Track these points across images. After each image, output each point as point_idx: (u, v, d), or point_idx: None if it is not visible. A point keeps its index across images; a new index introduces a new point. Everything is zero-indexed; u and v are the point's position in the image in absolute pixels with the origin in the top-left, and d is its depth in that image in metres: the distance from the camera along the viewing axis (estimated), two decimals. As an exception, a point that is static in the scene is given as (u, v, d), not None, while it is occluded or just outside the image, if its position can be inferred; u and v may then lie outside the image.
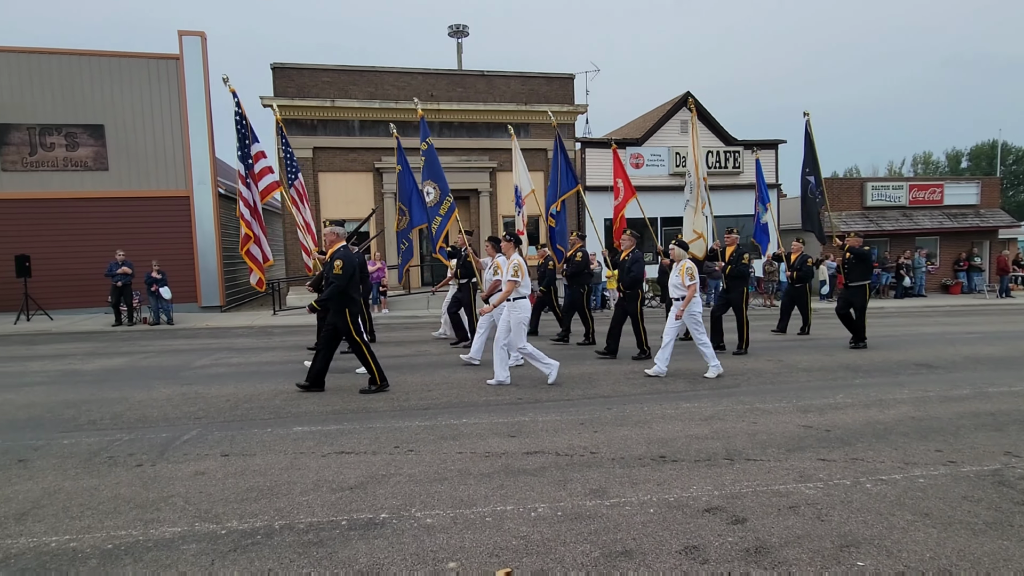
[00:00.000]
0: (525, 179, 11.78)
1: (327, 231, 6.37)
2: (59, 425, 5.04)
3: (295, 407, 5.57)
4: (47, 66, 14.86)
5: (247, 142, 8.28)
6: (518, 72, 17.72)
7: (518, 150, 12.00)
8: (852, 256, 8.74)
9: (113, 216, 14.84)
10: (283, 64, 16.17)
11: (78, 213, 14.73)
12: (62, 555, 2.85)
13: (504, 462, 4.08)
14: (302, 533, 3.07)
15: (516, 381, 6.62)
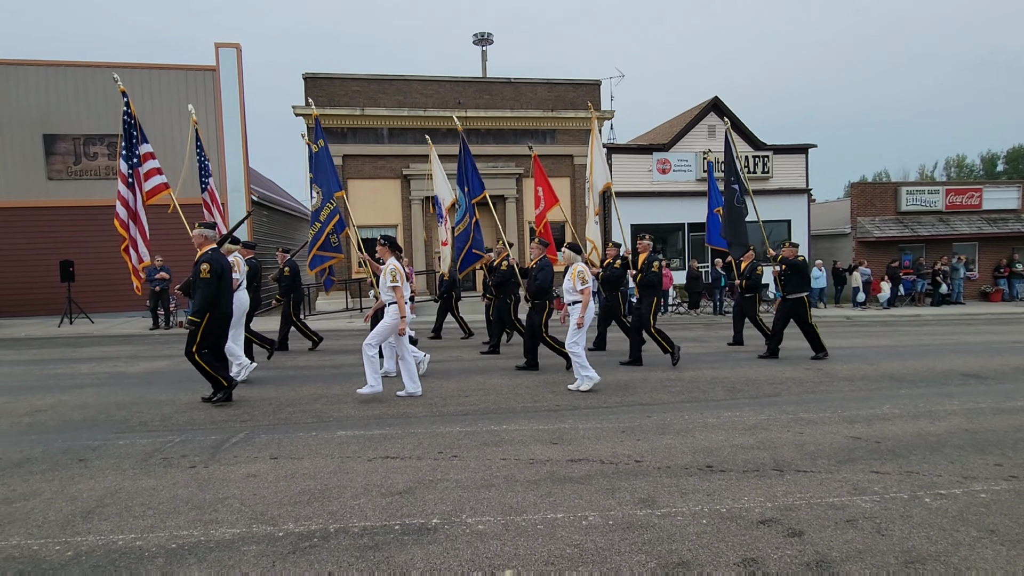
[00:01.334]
0: (445, 189, 11.25)
1: (195, 233, 6.08)
2: (112, 426, 5.19)
3: (336, 411, 5.65)
4: (91, 79, 15.39)
5: (134, 143, 8.23)
6: (544, 79, 17.80)
7: (436, 158, 11.55)
8: (787, 268, 8.38)
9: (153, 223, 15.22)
10: (314, 74, 16.49)
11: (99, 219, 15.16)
12: (130, 553, 2.93)
13: (549, 469, 4.08)
14: (357, 537, 3.11)
15: (553, 387, 6.62)
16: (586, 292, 6.51)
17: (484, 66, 21.42)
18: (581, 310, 6.50)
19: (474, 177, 10.13)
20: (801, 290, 8.36)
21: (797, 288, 8.35)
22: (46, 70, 15.37)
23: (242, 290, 7.31)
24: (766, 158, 19.10)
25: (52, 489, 3.75)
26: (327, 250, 8.63)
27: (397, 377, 6.66)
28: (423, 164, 16.70)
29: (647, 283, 7.95)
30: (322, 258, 8.68)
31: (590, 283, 6.56)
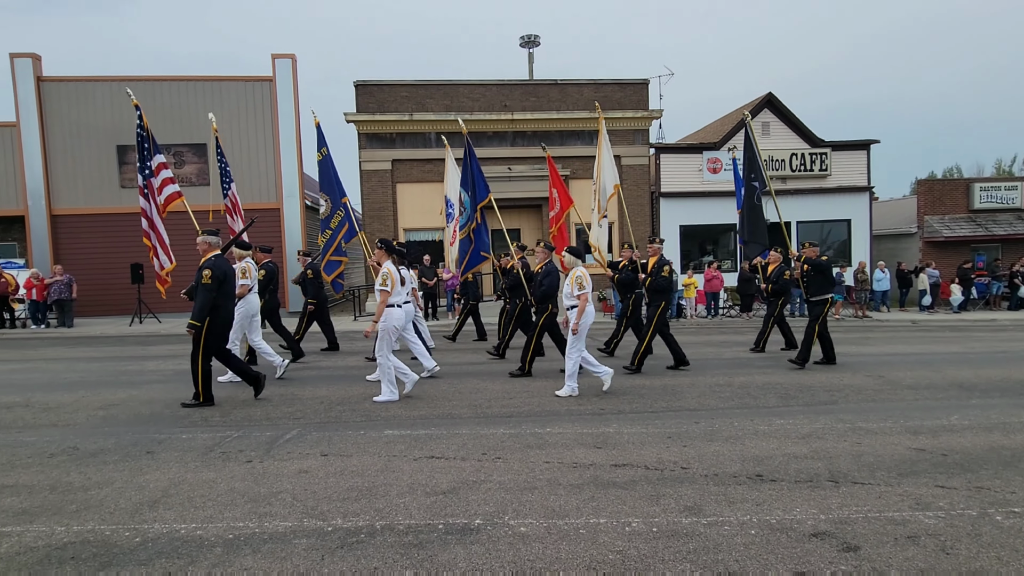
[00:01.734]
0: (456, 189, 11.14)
1: (199, 240, 6.23)
2: (176, 421, 5.49)
3: (384, 411, 5.79)
4: (160, 92, 16.33)
5: (147, 155, 8.58)
6: (590, 79, 17.68)
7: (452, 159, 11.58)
8: (810, 268, 8.02)
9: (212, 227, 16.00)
10: (365, 81, 16.93)
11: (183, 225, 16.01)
12: (191, 542, 3.09)
13: (592, 474, 4.05)
14: (402, 534, 3.17)
15: (597, 391, 6.57)
16: (583, 297, 6.31)
17: (531, 68, 21.47)
18: (577, 315, 6.31)
19: (480, 181, 10.13)
20: (825, 291, 8.03)
21: (821, 289, 7.99)
22: (119, 85, 16.40)
23: (252, 293, 7.57)
24: (824, 155, 18.34)
25: (123, 478, 4.01)
26: (339, 255, 9.03)
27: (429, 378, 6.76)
28: (470, 167, 16.91)
29: (656, 288, 7.79)
30: (335, 264, 9.11)
31: (587, 288, 6.39)
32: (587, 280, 6.41)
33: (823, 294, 7.96)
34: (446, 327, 13.35)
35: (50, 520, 3.36)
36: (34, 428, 5.31)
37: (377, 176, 16.96)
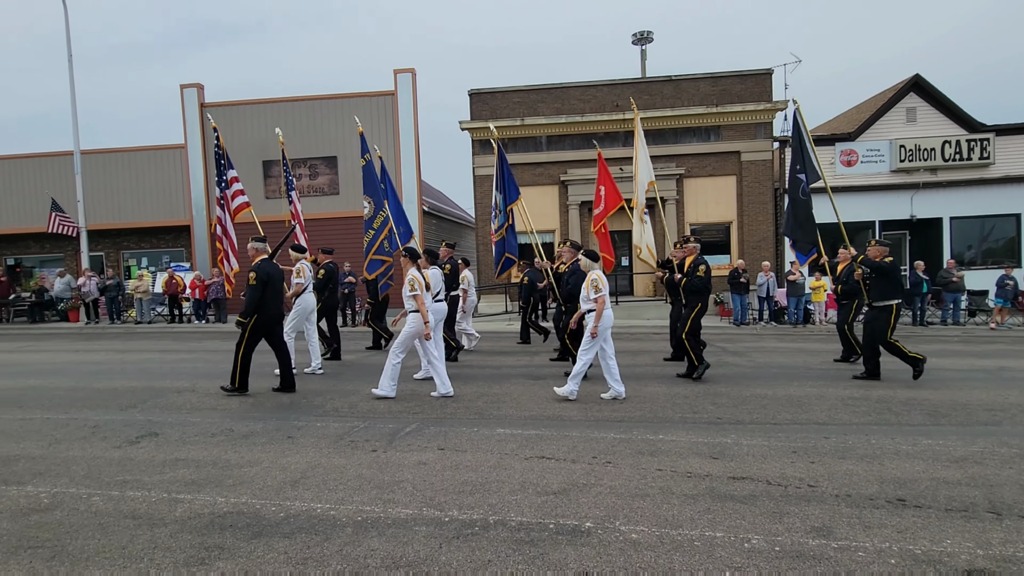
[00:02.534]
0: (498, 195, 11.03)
1: (249, 247, 6.86)
2: (311, 410, 6.05)
3: (496, 410, 5.96)
4: (296, 111, 18.05)
5: (223, 170, 9.21)
6: (707, 73, 16.94)
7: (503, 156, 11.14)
8: (870, 271, 7.21)
9: (343, 233, 17.37)
10: (478, 90, 17.53)
11: (317, 231, 17.56)
12: (325, 521, 3.41)
13: (708, 485, 3.89)
14: (514, 531, 3.26)
15: (714, 399, 6.29)
16: (600, 300, 6.15)
17: (643, 65, 21.00)
18: (595, 319, 6.15)
19: (510, 183, 10.19)
20: (889, 297, 7.08)
21: (883, 295, 7.10)
22: (263, 107, 18.36)
23: (308, 292, 8.12)
24: (985, 141, 16.10)
25: (269, 459, 4.50)
26: (381, 254, 9.29)
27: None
28: (581, 169, 16.88)
29: (692, 289, 7.37)
30: (378, 262, 9.35)
31: (604, 291, 6.19)
32: (603, 283, 6.23)
33: (887, 299, 7.08)
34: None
35: (213, 491, 3.86)
36: (199, 411, 6.12)
37: (489, 181, 17.44)
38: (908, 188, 16.42)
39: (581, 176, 16.82)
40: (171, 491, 3.88)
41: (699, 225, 16.99)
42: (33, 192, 19.00)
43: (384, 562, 2.94)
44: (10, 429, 5.50)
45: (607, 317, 6.25)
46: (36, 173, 19.24)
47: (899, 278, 7.21)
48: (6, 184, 19.41)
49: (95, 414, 6.01)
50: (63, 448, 4.87)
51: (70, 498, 3.79)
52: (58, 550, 3.11)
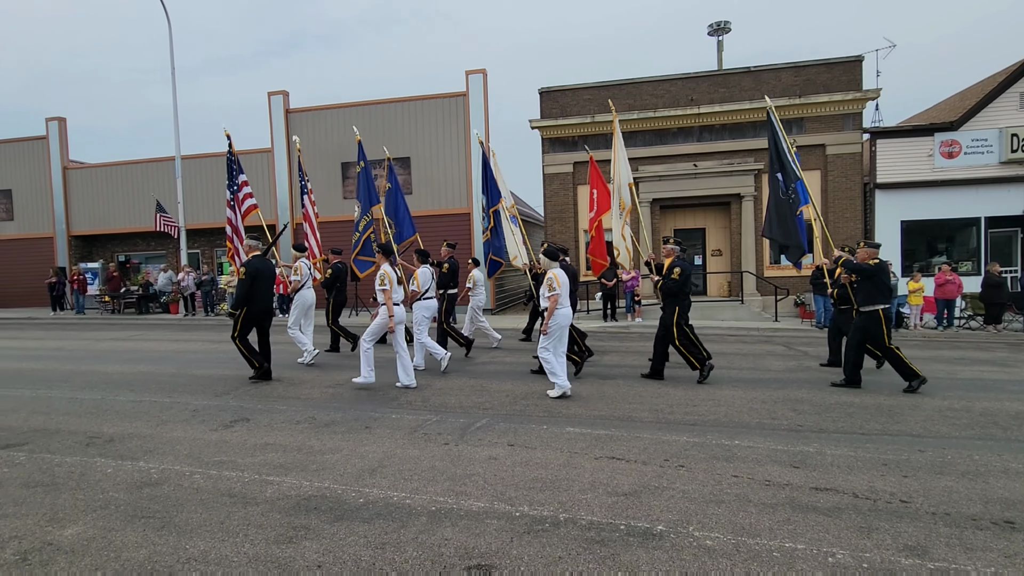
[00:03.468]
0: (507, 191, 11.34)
1: (244, 244, 7.35)
2: (387, 402, 6.29)
3: (565, 408, 5.97)
4: (373, 114, 18.72)
5: (235, 175, 9.88)
6: (789, 63, 16.09)
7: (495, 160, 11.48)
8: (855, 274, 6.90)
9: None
10: (548, 88, 17.51)
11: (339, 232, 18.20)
12: (401, 509, 3.54)
13: (788, 494, 3.73)
14: (584, 529, 3.27)
15: (794, 405, 6.00)
16: (553, 299, 6.35)
17: (720, 57, 20.24)
18: (547, 317, 6.39)
19: (492, 186, 10.36)
20: (874, 302, 6.74)
21: (868, 299, 6.78)
22: (342, 111, 19.18)
23: (307, 288, 8.93)
24: (1116, 127, 14.35)
25: (348, 447, 4.73)
26: (366, 254, 9.93)
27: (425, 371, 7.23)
28: (653, 166, 16.52)
29: (666, 291, 7.32)
30: (364, 263, 9.93)
31: (558, 290, 6.35)
32: (558, 282, 6.39)
33: (872, 304, 6.75)
34: (623, 330, 13.26)
35: (299, 475, 4.11)
36: (284, 399, 6.51)
37: (559, 179, 17.44)
38: (1020, 181, 14.92)
39: (653, 173, 16.46)
40: (261, 473, 4.16)
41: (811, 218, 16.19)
42: (141, 195, 20.81)
43: (458, 551, 3.03)
44: (124, 409, 6.08)
45: (562, 315, 6.45)
46: (143, 177, 21.06)
47: (885, 281, 6.82)
48: (119, 188, 21.37)
49: (195, 399, 6.52)
50: (168, 429, 5.33)
51: (175, 475, 4.15)
52: (167, 521, 3.41)
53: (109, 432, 5.24)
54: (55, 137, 21.62)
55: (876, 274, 6.74)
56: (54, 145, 21.66)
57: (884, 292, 6.76)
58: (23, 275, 22.05)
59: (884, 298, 6.76)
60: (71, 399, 6.60)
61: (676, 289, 7.23)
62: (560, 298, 6.41)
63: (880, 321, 6.74)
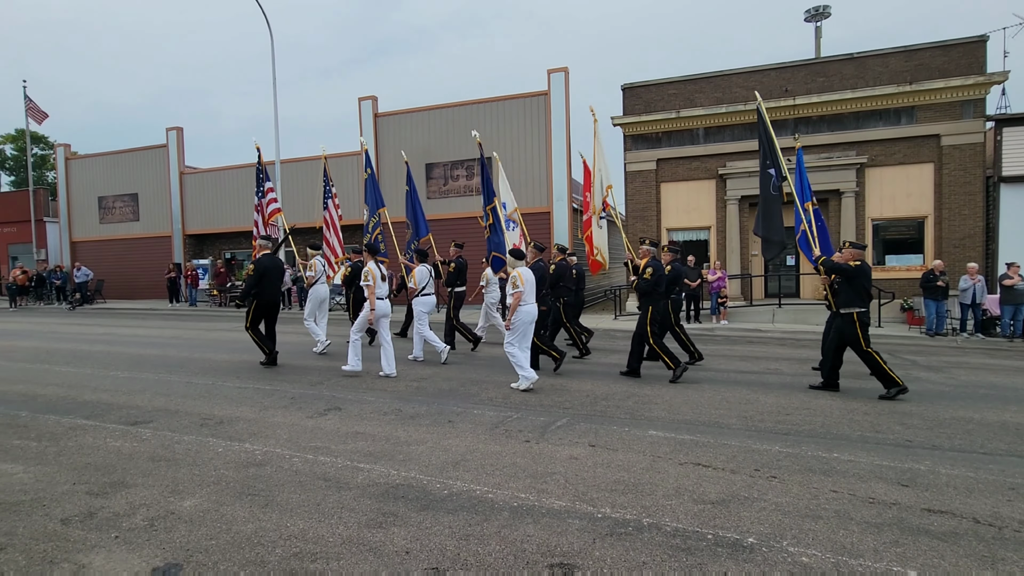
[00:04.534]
0: (508, 195, 11.61)
1: (256, 243, 8.46)
2: (469, 398, 6.42)
3: (647, 411, 5.83)
4: (456, 115, 19.16)
5: (261, 183, 10.85)
6: (898, 47, 14.81)
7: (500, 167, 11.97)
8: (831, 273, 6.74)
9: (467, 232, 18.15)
10: (632, 84, 17.16)
11: (469, 230, 18.55)
12: (484, 502, 3.61)
13: (896, 514, 3.44)
14: (669, 536, 3.18)
15: (902, 418, 5.53)
16: (516, 296, 6.76)
17: (817, 44, 18.98)
18: (509, 313, 6.83)
19: (488, 185, 10.71)
20: (851, 304, 6.57)
21: (847, 301, 6.61)
22: (427, 114, 19.77)
23: (320, 283, 9.86)
24: None
25: (433, 440, 4.87)
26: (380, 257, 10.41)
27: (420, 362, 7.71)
28: (742, 161, 15.79)
29: (639, 290, 7.50)
30: None
31: (520, 288, 6.76)
32: (521, 280, 6.77)
33: (849, 307, 6.57)
34: (706, 332, 12.76)
35: (387, 464, 4.29)
36: (372, 391, 6.81)
37: (641, 176, 17.06)
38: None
39: (742, 169, 15.72)
40: (353, 460, 4.38)
41: (884, 220, 14.95)
42: (245, 197, 22.50)
43: (539, 549, 3.04)
44: (231, 395, 6.61)
45: (525, 312, 6.87)
46: (248, 181, 22.74)
47: (865, 284, 6.59)
48: (224, 191, 23.23)
49: (292, 387, 6.97)
50: (270, 414, 5.73)
51: (276, 457, 4.45)
52: (269, 500, 3.67)
53: (219, 415, 5.71)
54: (173, 145, 23.83)
55: (856, 276, 6.59)
56: (172, 152, 23.89)
57: (863, 295, 6.60)
58: (147, 270, 24.49)
59: (862, 301, 6.59)
60: (187, 383, 7.25)
61: (648, 288, 7.37)
62: (524, 295, 6.84)
63: (855, 324, 6.54)
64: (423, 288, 8.92)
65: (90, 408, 6.03)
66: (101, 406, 6.12)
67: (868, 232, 15.02)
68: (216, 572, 2.84)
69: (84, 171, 25.98)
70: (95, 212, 25.72)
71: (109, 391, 6.84)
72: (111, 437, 5.01)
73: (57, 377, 7.74)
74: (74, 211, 26.16)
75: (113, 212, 25.46)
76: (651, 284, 7.33)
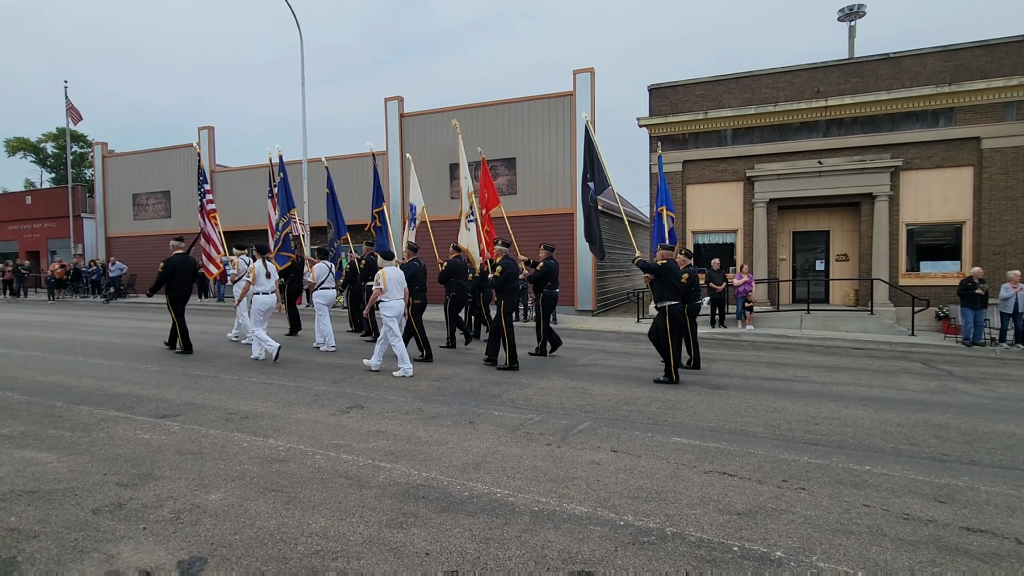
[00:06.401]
0: (418, 196, 13.13)
1: (170, 244, 9.51)
2: (490, 400, 6.40)
3: (671, 417, 5.74)
4: (480, 116, 19.18)
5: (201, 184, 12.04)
6: (937, 47, 14.36)
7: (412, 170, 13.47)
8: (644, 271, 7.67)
9: (519, 231, 18.09)
10: (659, 84, 16.97)
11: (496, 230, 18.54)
12: (504, 505, 3.58)
13: (932, 532, 3.31)
14: (694, 546, 3.11)
15: (939, 431, 5.35)
16: (376, 292, 7.65)
17: (851, 44, 18.53)
18: (368, 304, 8.14)
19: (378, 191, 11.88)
20: (661, 300, 7.48)
21: (659, 297, 7.53)
22: (451, 114, 19.83)
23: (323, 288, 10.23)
24: None
25: (453, 440, 4.86)
26: (287, 250, 11.59)
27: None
28: (771, 163, 15.49)
29: (492, 286, 8.78)
30: (283, 258, 11.43)
31: (382, 285, 7.59)
32: (383, 278, 7.62)
33: (661, 302, 7.50)
34: (732, 337, 12.55)
35: (408, 464, 4.29)
36: (395, 389, 6.83)
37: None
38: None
39: (771, 171, 15.42)
40: (374, 458, 4.39)
41: (919, 225, 14.49)
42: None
43: (561, 555, 3.00)
44: (256, 390, 6.70)
45: (388, 307, 7.65)
46: (276, 179, 23.13)
47: (672, 280, 7.45)
48: (253, 189, 23.64)
49: (315, 384, 7.04)
50: (293, 410, 5.79)
51: (299, 453, 4.49)
52: (292, 496, 3.70)
53: (244, 410, 5.79)
54: (205, 143, 24.32)
55: (664, 274, 7.43)
56: (204, 151, 24.37)
57: (671, 291, 7.43)
58: (177, 266, 25.03)
59: (671, 296, 7.43)
60: (213, 378, 7.38)
61: (499, 284, 8.48)
62: (386, 292, 7.65)
63: (666, 316, 7.37)
64: (322, 282, 10.19)
65: (121, 400, 6.17)
66: (132, 398, 6.25)
67: (902, 237, 14.60)
68: (239, 567, 2.86)
69: (119, 169, 26.71)
70: (129, 208, 26.42)
71: (139, 384, 7.00)
72: (141, 429, 5.11)
73: (91, 369, 7.95)
74: (110, 207, 26.91)
75: (146, 209, 26.11)
76: (501, 280, 8.43)
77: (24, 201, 29.88)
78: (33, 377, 7.40)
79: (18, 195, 31.28)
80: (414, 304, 9.07)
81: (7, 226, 30.00)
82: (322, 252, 10.72)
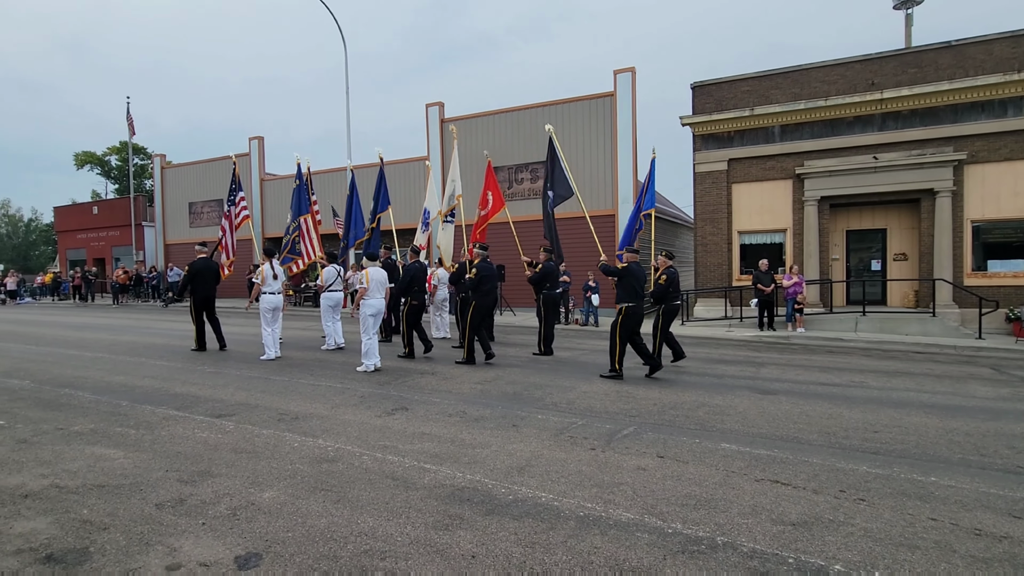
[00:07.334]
0: (433, 201, 13.45)
1: (195, 248, 10.19)
2: (533, 403, 6.38)
3: (719, 423, 5.59)
4: (521, 119, 19.23)
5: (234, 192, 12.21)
6: (1005, 33, 13.55)
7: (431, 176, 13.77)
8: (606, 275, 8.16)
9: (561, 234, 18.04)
10: (702, 82, 16.62)
11: (531, 231, 18.54)
12: (549, 510, 3.56)
13: (1007, 549, 3.11)
14: (746, 557, 3.01)
15: (1012, 442, 5.03)
16: (360, 291, 8.13)
17: (908, 33, 17.70)
18: (355, 304, 8.30)
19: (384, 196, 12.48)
20: (623, 300, 7.85)
21: (620, 298, 7.90)
22: (492, 117, 19.94)
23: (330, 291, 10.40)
24: None
25: (497, 443, 4.87)
26: (293, 253, 12.02)
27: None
28: (821, 160, 14.95)
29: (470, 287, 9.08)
30: (288, 258, 11.95)
31: (365, 285, 8.05)
32: (367, 279, 8.09)
33: (623, 302, 7.86)
34: (781, 340, 12.14)
35: (452, 466, 4.32)
36: (438, 392, 6.90)
37: (711, 177, 16.48)
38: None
39: (822, 168, 14.86)
40: (420, 460, 4.44)
41: (986, 222, 13.66)
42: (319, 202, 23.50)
43: (607, 562, 2.96)
44: (306, 391, 6.89)
45: (368, 305, 8.12)
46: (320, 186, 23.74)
47: (633, 283, 7.80)
48: (303, 195, 24.37)
49: (362, 386, 7.19)
50: (341, 411, 5.93)
51: (347, 454, 4.59)
52: (341, 495, 3.78)
53: (295, 410, 5.96)
54: (255, 153, 25.25)
55: (624, 276, 7.83)
56: (254, 160, 25.31)
57: (631, 293, 7.79)
58: (230, 271, 26.04)
59: (631, 298, 7.78)
60: (265, 379, 7.63)
61: (474, 286, 8.89)
62: (368, 292, 8.10)
63: (621, 314, 7.76)
64: (330, 285, 10.46)
65: (180, 400, 6.45)
66: (190, 398, 6.53)
67: (967, 235, 13.82)
68: (293, 564, 2.94)
69: (176, 179, 28.01)
70: (186, 216, 27.65)
71: (196, 384, 7.30)
72: (198, 428, 5.33)
73: (152, 370, 8.34)
74: (168, 216, 28.23)
75: (202, 216, 27.26)
76: (475, 283, 8.87)
77: (91, 211, 31.73)
78: (101, 377, 7.82)
79: (85, 205, 33.28)
80: (412, 305, 9.31)
81: (76, 235, 31.92)
82: (331, 256, 11.10)
